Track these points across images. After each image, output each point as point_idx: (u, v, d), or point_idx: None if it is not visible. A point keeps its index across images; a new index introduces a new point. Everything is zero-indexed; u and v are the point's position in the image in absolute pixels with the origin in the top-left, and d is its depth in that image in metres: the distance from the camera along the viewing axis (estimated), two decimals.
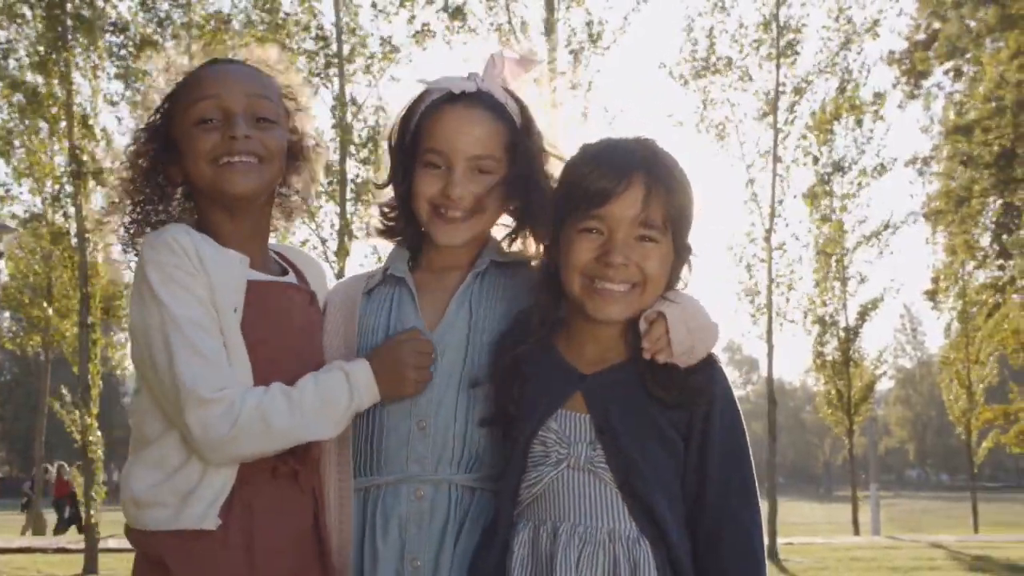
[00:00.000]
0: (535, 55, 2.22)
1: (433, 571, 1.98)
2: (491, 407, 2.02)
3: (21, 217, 15.77)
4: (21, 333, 23.06)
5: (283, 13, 13.18)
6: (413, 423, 2.04)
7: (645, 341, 1.93)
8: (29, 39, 12.90)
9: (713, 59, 16.48)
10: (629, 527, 1.89)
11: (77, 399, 12.43)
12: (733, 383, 2.03)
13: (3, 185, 14.63)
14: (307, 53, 13.35)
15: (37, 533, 22.05)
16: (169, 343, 1.85)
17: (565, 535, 1.89)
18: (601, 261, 1.91)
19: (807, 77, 16.90)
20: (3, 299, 20.01)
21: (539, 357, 2.00)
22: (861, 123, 18.86)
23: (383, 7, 13.31)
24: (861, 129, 18.99)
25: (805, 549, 16.33)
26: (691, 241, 2.00)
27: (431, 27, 13.24)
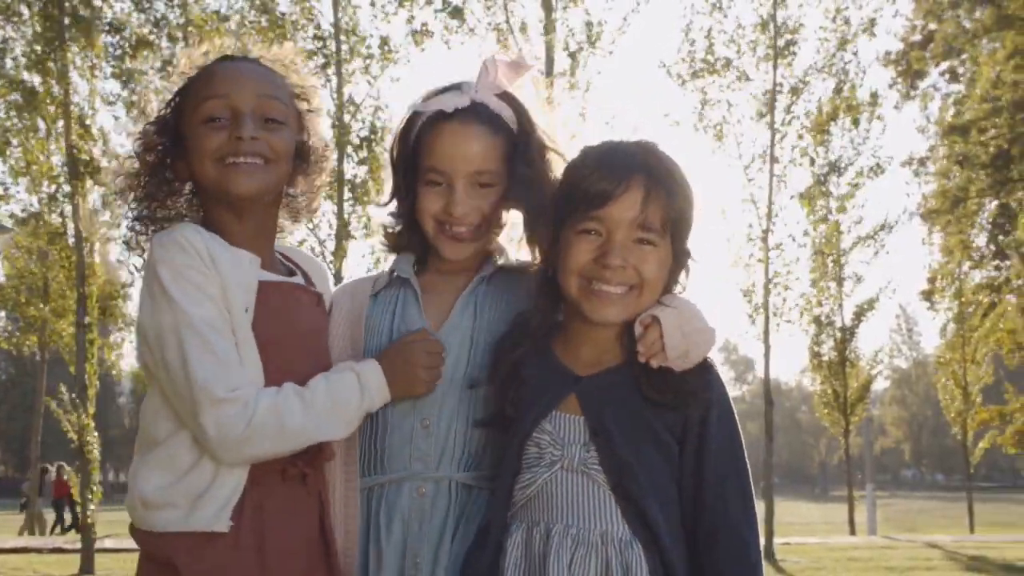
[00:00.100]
0: (527, 59, 2.22)
1: (432, 567, 2.00)
2: (489, 409, 2.03)
3: (18, 216, 15.75)
4: (17, 333, 23.05)
5: (279, 13, 13.16)
6: (417, 421, 2.06)
7: (640, 345, 1.93)
8: (26, 38, 12.90)
9: (711, 59, 16.50)
10: (622, 529, 1.89)
11: (74, 399, 12.40)
12: (729, 383, 2.03)
13: (0, 184, 14.62)
14: (305, 53, 13.34)
15: (39, 533, 22.05)
16: (182, 342, 1.84)
17: (558, 536, 1.89)
18: (599, 263, 1.91)
19: (804, 77, 16.93)
20: None
21: (536, 359, 2.01)
22: (857, 123, 18.88)
23: (382, 6, 13.31)
24: (857, 130, 19.03)
25: (802, 549, 16.35)
26: (691, 243, 2.00)
27: (429, 27, 13.24)
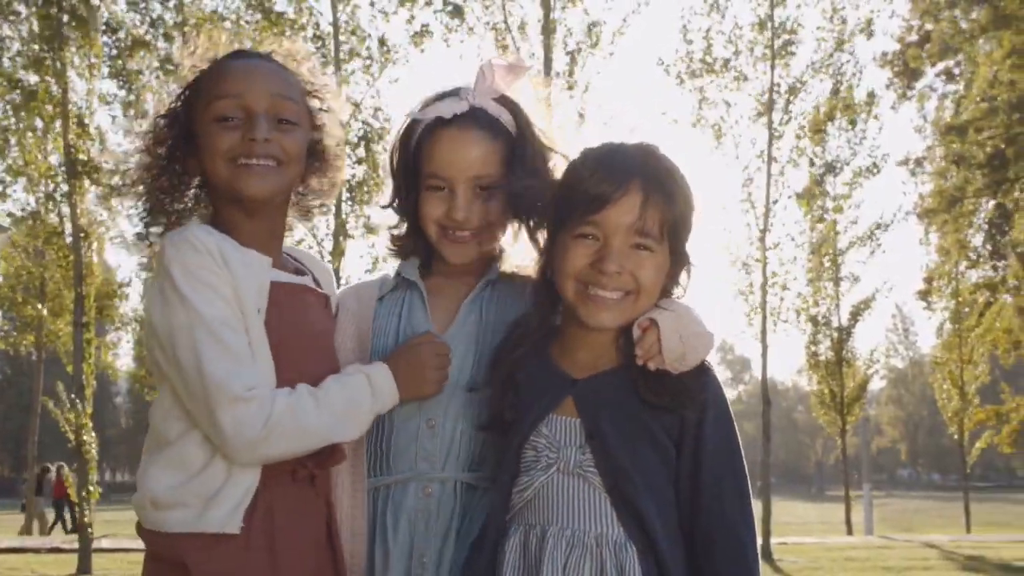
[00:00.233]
0: (524, 62, 2.23)
1: (437, 567, 2.01)
2: (488, 413, 2.04)
3: (17, 216, 15.74)
4: (14, 332, 23.02)
5: (278, 12, 13.14)
6: (422, 422, 2.07)
7: (638, 348, 1.93)
8: (22, 38, 12.88)
9: (709, 59, 16.51)
10: (617, 532, 1.89)
11: (72, 398, 12.39)
12: (725, 383, 2.04)
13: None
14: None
15: (41, 533, 22.01)
16: (196, 342, 1.82)
17: (552, 539, 1.89)
18: (595, 268, 1.90)
19: (802, 77, 16.95)
20: None
21: (533, 363, 2.01)
22: (854, 123, 18.92)
23: (382, 7, 13.30)
24: (854, 130, 19.07)
25: (799, 549, 16.37)
26: (691, 245, 2.00)
27: (430, 28, 13.23)
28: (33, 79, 12.49)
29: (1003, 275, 22.75)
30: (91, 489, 12.22)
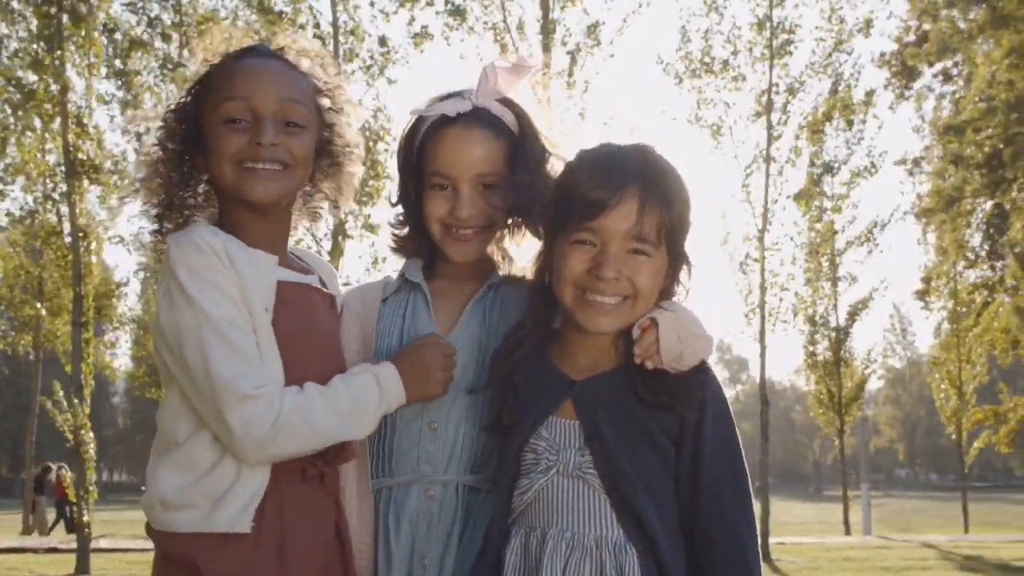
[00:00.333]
0: (528, 60, 2.23)
1: (439, 569, 2.02)
2: (488, 416, 2.04)
3: (16, 215, 15.73)
4: (12, 332, 22.99)
5: (277, 12, 13.11)
6: (425, 424, 2.07)
7: (636, 347, 1.94)
8: (20, 37, 12.87)
9: (708, 60, 16.52)
10: (616, 533, 1.89)
11: (70, 398, 12.37)
12: (723, 383, 2.03)
13: None
14: None
15: (40, 533, 21.98)
16: (203, 342, 1.83)
17: (552, 541, 1.89)
18: (592, 274, 1.90)
19: (800, 77, 16.96)
20: None
21: (532, 365, 2.01)
22: (852, 124, 18.94)
23: (382, 7, 13.28)
24: (851, 130, 19.09)
25: (797, 549, 16.37)
26: (690, 245, 2.00)
27: (430, 29, 13.23)
28: (32, 78, 12.47)
29: (1001, 275, 22.75)
30: (89, 489, 12.22)
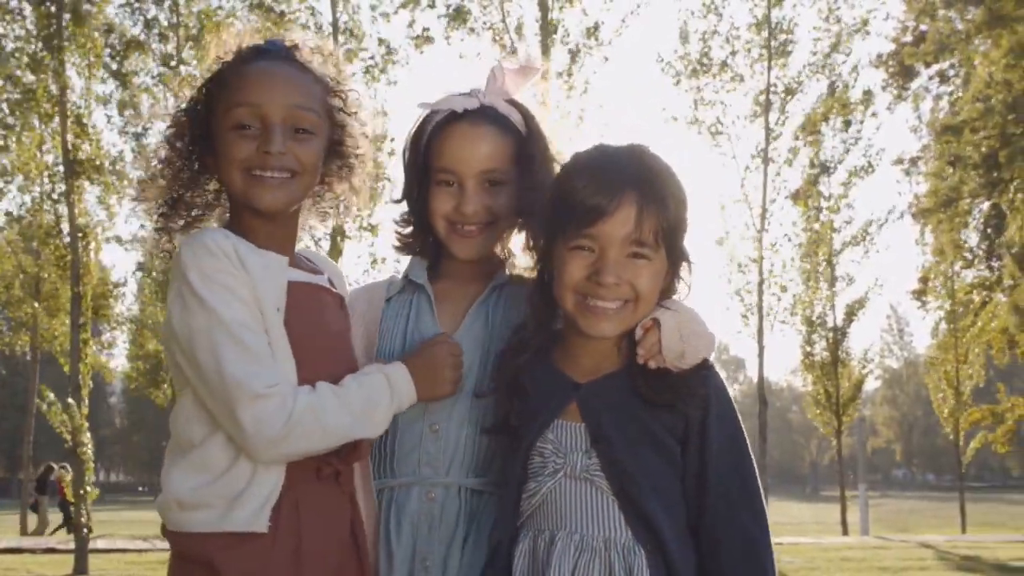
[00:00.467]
0: (534, 63, 2.24)
1: (442, 572, 2.01)
2: (494, 418, 2.04)
3: (15, 215, 15.71)
4: (9, 332, 22.94)
5: (278, 12, 13.10)
6: (426, 426, 2.07)
7: (639, 347, 1.94)
8: (18, 37, 12.86)
9: (706, 60, 16.53)
10: (625, 535, 1.89)
11: (67, 400, 12.35)
12: None
13: None
14: None
15: (39, 533, 21.97)
16: (215, 343, 1.83)
17: (560, 543, 1.89)
18: (593, 280, 1.90)
19: (798, 77, 16.98)
20: None
21: (537, 368, 2.01)
22: (849, 124, 18.97)
23: (382, 9, 13.28)
24: (849, 131, 19.11)
25: (795, 549, 16.37)
26: (689, 244, 2.00)
27: (430, 31, 13.22)
28: (31, 78, 12.46)
29: (998, 275, 22.76)
30: (88, 489, 12.20)
